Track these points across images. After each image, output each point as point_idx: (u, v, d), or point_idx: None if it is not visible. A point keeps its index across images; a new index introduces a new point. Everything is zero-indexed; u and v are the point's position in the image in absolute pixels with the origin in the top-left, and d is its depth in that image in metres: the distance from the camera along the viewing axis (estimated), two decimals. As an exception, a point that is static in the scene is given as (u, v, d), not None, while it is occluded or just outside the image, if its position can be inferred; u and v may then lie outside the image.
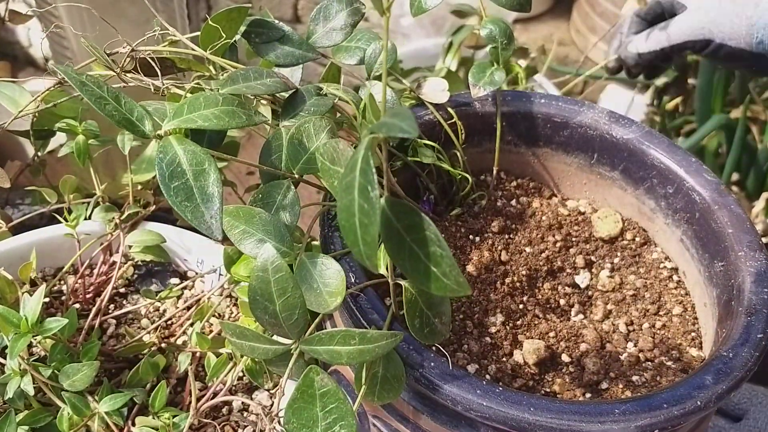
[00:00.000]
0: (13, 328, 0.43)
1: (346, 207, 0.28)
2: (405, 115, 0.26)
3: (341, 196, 0.28)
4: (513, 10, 0.50)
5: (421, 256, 0.30)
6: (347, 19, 0.47)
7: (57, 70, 0.37)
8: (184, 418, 0.46)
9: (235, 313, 0.57)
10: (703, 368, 0.39)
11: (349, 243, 0.28)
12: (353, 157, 0.28)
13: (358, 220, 0.27)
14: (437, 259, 0.30)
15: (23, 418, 0.45)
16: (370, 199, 0.27)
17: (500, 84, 0.51)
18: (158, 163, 0.36)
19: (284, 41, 0.47)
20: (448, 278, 0.30)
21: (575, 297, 0.50)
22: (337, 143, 0.39)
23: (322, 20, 0.48)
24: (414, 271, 0.30)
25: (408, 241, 0.30)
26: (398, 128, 0.26)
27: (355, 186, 0.27)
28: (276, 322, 0.37)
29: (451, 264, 0.30)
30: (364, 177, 0.27)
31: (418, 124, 0.34)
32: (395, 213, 0.30)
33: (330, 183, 0.39)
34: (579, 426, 0.36)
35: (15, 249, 0.56)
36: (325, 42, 0.48)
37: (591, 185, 0.56)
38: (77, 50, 0.85)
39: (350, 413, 0.35)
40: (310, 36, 0.48)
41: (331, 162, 0.39)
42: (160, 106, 0.42)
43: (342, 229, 0.28)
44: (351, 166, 0.28)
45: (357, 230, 0.28)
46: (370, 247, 0.28)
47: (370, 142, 0.28)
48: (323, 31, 0.48)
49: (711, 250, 0.47)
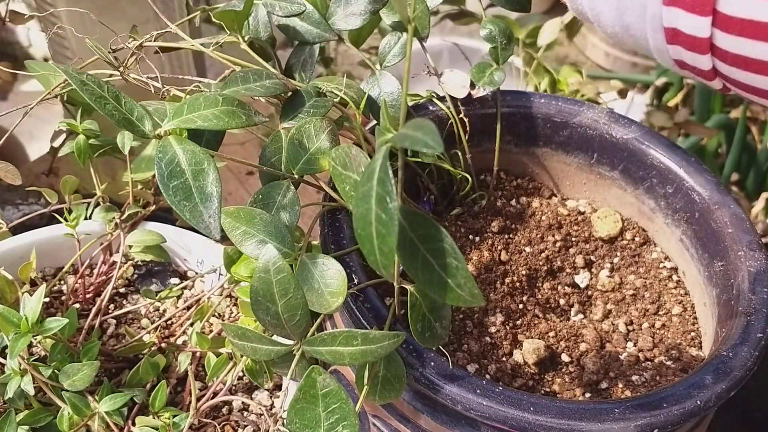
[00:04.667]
0: (13, 328, 0.43)
1: (363, 216, 0.28)
2: (428, 128, 0.25)
3: (357, 204, 0.28)
4: (513, 10, 0.50)
5: (435, 266, 0.30)
6: (367, 6, 0.47)
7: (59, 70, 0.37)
8: (184, 418, 0.46)
9: (235, 313, 0.57)
10: (703, 368, 0.39)
11: (366, 252, 0.28)
12: (370, 165, 0.28)
13: (375, 229, 0.27)
14: (453, 270, 0.30)
15: (23, 417, 0.45)
16: (388, 210, 0.27)
17: (500, 84, 0.51)
18: (157, 163, 0.36)
19: (304, 18, 0.47)
20: (462, 289, 0.31)
21: (575, 297, 0.50)
22: (350, 148, 0.39)
23: (343, 3, 0.48)
24: (427, 281, 0.31)
25: (422, 251, 0.30)
26: (422, 143, 0.25)
27: (373, 195, 0.27)
28: (278, 323, 0.37)
29: (466, 275, 0.30)
30: (383, 187, 0.27)
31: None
32: (409, 222, 0.30)
33: (342, 188, 0.39)
34: (579, 425, 0.36)
35: (15, 249, 0.56)
36: (343, 25, 0.48)
37: (591, 185, 0.56)
38: (77, 50, 0.85)
39: (353, 413, 0.35)
40: (330, 17, 0.48)
41: (343, 167, 0.39)
42: (160, 105, 0.42)
43: (358, 237, 0.28)
44: (368, 174, 0.28)
45: (374, 240, 0.28)
46: (387, 257, 0.28)
47: (388, 151, 0.28)
48: (343, 13, 0.48)
49: (710, 249, 0.47)
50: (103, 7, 0.82)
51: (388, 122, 0.30)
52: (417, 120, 0.26)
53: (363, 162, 0.39)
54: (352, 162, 0.39)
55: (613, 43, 1.42)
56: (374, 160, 0.28)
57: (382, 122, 0.30)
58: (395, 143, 0.27)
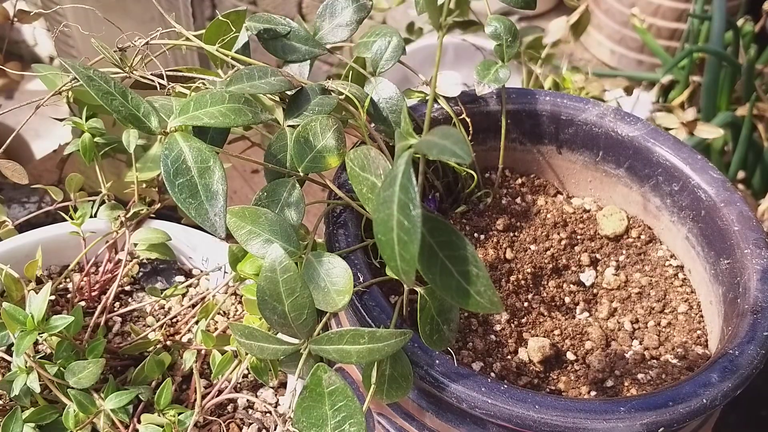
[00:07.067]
0: (19, 326, 0.43)
1: (384, 221, 0.28)
2: (456, 137, 0.25)
3: (378, 209, 0.28)
4: (519, 8, 0.50)
5: (454, 273, 0.30)
6: (353, 16, 0.48)
7: (66, 66, 0.37)
8: (189, 416, 0.46)
9: (239, 311, 0.58)
10: (709, 366, 0.39)
11: (386, 257, 0.28)
12: (392, 171, 0.28)
13: (396, 235, 0.27)
14: (473, 278, 0.30)
15: (29, 415, 0.45)
16: (411, 217, 0.27)
17: (505, 81, 0.51)
18: (163, 160, 0.36)
19: (291, 37, 0.48)
20: (482, 297, 0.31)
21: (580, 295, 0.50)
22: (368, 150, 0.39)
23: (329, 17, 0.48)
24: (445, 287, 0.31)
25: (441, 257, 0.30)
26: (450, 152, 0.25)
27: (395, 201, 0.27)
28: (285, 322, 0.37)
29: (486, 283, 0.30)
30: (406, 194, 0.27)
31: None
32: (429, 228, 0.30)
33: (359, 189, 0.39)
34: (584, 424, 0.36)
35: (21, 247, 0.56)
36: (331, 38, 0.48)
37: (596, 183, 0.56)
38: (82, 48, 0.85)
39: (359, 411, 0.35)
40: (317, 32, 0.48)
41: (361, 169, 0.39)
42: (167, 102, 0.42)
43: (378, 242, 0.28)
44: (390, 180, 0.27)
45: (395, 246, 0.27)
46: (408, 264, 0.27)
47: (411, 157, 0.27)
48: (329, 27, 0.48)
49: (717, 247, 0.47)
50: (108, 6, 0.82)
51: (405, 125, 0.29)
52: (444, 128, 0.26)
53: (382, 164, 0.39)
54: (370, 164, 0.39)
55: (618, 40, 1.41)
56: (396, 165, 0.28)
57: (403, 127, 0.30)
58: (420, 150, 0.27)
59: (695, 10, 1.12)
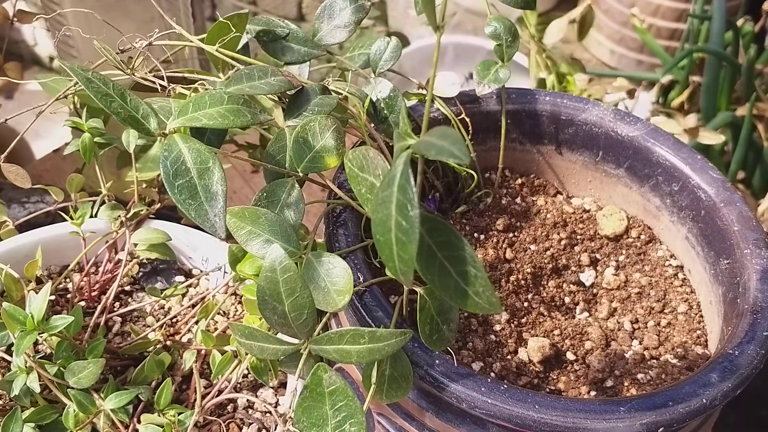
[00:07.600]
0: (19, 326, 0.43)
1: (382, 222, 0.28)
2: (454, 138, 0.25)
3: (376, 209, 0.28)
4: (519, 8, 0.50)
5: (452, 273, 0.30)
6: (351, 17, 0.48)
7: (65, 68, 0.37)
8: (189, 416, 0.46)
9: (239, 311, 0.58)
10: (709, 366, 0.39)
11: (384, 258, 0.28)
12: (391, 172, 0.28)
13: (394, 236, 0.27)
14: (471, 278, 0.30)
15: (29, 415, 0.45)
16: (409, 217, 0.27)
17: (505, 81, 0.51)
18: (163, 161, 0.36)
19: (289, 39, 0.48)
20: (480, 297, 0.31)
21: (580, 295, 0.50)
22: (367, 150, 0.39)
23: (327, 18, 0.48)
24: (443, 287, 0.31)
25: (440, 257, 0.30)
26: (448, 152, 0.25)
27: (393, 201, 0.27)
28: (285, 322, 0.37)
29: (485, 284, 0.30)
30: (404, 194, 0.27)
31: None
32: (427, 229, 0.30)
33: (358, 190, 0.39)
34: (584, 424, 0.36)
35: (21, 247, 0.57)
36: (330, 39, 0.48)
37: (596, 183, 0.56)
38: (82, 48, 0.85)
39: (360, 411, 0.35)
40: (316, 33, 0.48)
41: (359, 169, 0.39)
42: (165, 103, 0.42)
43: (376, 242, 0.28)
44: (389, 181, 0.27)
45: (393, 246, 0.27)
46: (406, 264, 0.27)
47: (409, 158, 0.27)
48: (328, 28, 0.48)
49: (716, 247, 0.47)
50: (108, 6, 0.82)
51: (405, 125, 0.29)
52: (442, 128, 0.26)
53: (380, 165, 0.39)
54: (369, 164, 0.39)
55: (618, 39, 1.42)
56: (395, 166, 0.28)
57: (401, 127, 0.30)
58: (418, 151, 0.27)
59: (695, 10, 1.12)
